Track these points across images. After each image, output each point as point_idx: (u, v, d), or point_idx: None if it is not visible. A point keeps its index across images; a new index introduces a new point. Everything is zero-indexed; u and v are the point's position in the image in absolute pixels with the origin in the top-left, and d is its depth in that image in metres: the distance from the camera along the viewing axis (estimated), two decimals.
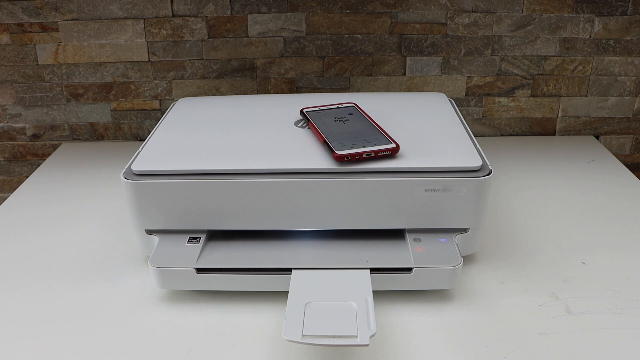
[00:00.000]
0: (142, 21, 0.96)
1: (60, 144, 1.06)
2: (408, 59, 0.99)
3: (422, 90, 1.01)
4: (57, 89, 1.02)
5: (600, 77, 1.00)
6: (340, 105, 0.73)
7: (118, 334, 0.58)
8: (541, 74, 1.00)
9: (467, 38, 0.97)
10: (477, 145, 0.66)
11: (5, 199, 0.86)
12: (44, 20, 0.96)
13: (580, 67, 0.99)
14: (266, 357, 0.55)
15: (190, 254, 0.61)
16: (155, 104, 1.03)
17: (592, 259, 0.68)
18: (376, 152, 0.61)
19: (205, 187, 0.61)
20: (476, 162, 0.61)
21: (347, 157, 0.60)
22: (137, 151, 0.66)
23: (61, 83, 1.01)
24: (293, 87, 1.02)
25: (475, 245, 0.66)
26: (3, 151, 1.07)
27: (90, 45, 0.98)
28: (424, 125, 0.70)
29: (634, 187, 0.85)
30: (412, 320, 0.59)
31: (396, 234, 0.65)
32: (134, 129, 1.05)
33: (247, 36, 0.97)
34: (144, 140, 0.83)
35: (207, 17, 0.96)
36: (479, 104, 1.02)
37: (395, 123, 0.69)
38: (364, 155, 0.61)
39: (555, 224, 0.76)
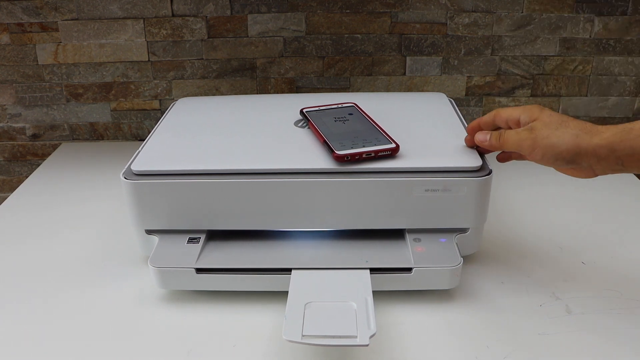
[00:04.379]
0: (142, 21, 0.96)
1: (60, 143, 1.06)
2: (408, 58, 0.99)
3: (422, 90, 1.01)
4: (57, 88, 1.02)
5: (600, 77, 1.00)
6: (340, 105, 0.73)
7: (118, 334, 0.58)
8: (541, 74, 1.00)
9: (467, 38, 0.97)
10: None
11: (5, 198, 0.86)
12: (43, 20, 0.96)
13: (580, 67, 0.99)
14: (266, 357, 0.55)
15: (190, 254, 0.61)
16: (155, 104, 1.03)
17: (592, 259, 0.68)
18: (376, 152, 0.61)
19: (205, 187, 0.61)
20: (476, 162, 0.61)
21: (347, 157, 0.60)
22: (137, 151, 0.66)
23: (61, 83, 1.01)
24: (293, 87, 1.02)
25: (475, 245, 0.66)
26: (3, 151, 1.07)
27: (90, 45, 0.98)
28: (424, 125, 0.70)
29: (634, 187, 0.85)
30: (412, 320, 0.59)
31: (396, 234, 0.65)
32: (134, 128, 1.05)
33: (247, 36, 0.97)
34: (144, 140, 0.82)
35: (207, 17, 0.96)
36: (479, 104, 1.02)
37: (395, 123, 0.69)
38: (364, 155, 0.61)
39: (556, 224, 0.76)
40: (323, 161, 0.61)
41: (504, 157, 0.64)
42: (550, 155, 0.52)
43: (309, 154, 0.63)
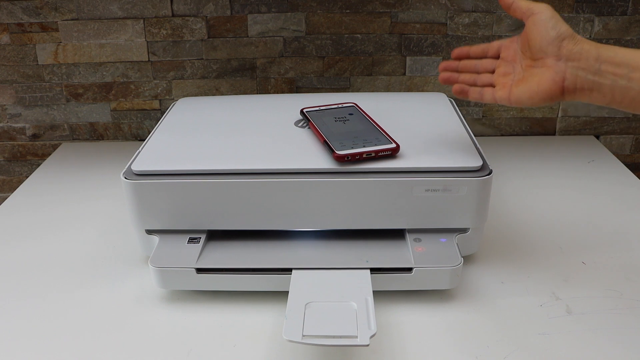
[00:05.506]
0: (142, 21, 0.96)
1: (60, 143, 1.06)
2: (408, 58, 0.99)
3: (422, 90, 1.01)
4: (57, 88, 1.02)
5: None
6: (340, 105, 0.73)
7: (118, 334, 0.58)
8: None
9: (467, 38, 0.97)
10: (477, 145, 0.66)
11: (5, 199, 0.86)
12: (43, 20, 0.96)
13: None
14: (266, 357, 0.55)
15: (190, 254, 0.61)
16: (155, 104, 1.03)
17: (592, 259, 0.68)
18: (376, 152, 0.61)
19: (205, 187, 0.61)
20: (476, 162, 0.61)
21: (347, 157, 0.60)
22: (137, 151, 0.66)
23: (61, 83, 1.01)
24: (293, 87, 1.02)
25: (475, 245, 0.66)
26: (3, 151, 1.07)
27: (90, 45, 0.98)
28: (424, 125, 0.70)
29: (634, 187, 0.85)
30: (412, 320, 0.59)
31: (396, 234, 0.65)
32: (134, 128, 1.05)
33: (247, 36, 0.97)
34: (144, 140, 0.83)
35: (207, 17, 0.96)
36: (479, 104, 1.02)
37: (395, 123, 0.69)
38: (364, 155, 0.61)
39: (555, 224, 0.76)
40: (323, 161, 0.61)
41: (459, 90, 0.61)
42: (551, 17, 0.54)
43: (309, 154, 0.63)
